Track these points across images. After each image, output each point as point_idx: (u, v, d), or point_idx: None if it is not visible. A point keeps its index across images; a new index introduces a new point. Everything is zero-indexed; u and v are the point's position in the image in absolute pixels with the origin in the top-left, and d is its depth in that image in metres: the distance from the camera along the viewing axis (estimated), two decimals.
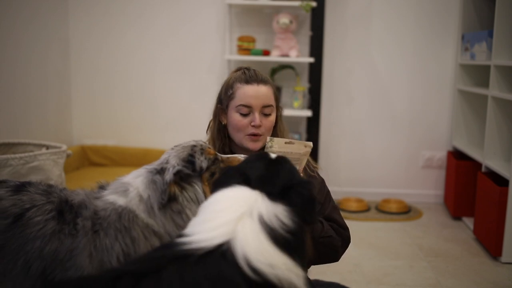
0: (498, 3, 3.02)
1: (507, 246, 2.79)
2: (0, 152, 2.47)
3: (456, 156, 3.67)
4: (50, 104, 3.69)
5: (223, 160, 1.41)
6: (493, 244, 2.87)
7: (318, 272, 2.27)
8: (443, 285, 2.57)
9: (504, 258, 2.81)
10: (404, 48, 3.87)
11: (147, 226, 1.24)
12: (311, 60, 3.61)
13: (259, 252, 0.91)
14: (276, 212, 0.99)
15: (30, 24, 3.35)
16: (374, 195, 3.94)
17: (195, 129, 3.20)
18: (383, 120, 3.95)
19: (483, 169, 3.13)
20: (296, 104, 3.68)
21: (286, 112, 3.15)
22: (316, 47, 3.67)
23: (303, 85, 3.80)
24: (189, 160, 1.34)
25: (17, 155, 2.27)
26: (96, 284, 0.88)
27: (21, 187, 1.25)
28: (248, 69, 1.69)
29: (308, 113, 3.62)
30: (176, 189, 1.28)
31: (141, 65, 3.96)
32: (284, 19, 3.55)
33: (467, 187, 3.45)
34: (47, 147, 2.52)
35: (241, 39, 3.69)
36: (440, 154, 3.95)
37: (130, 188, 1.29)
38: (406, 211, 3.71)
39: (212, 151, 1.40)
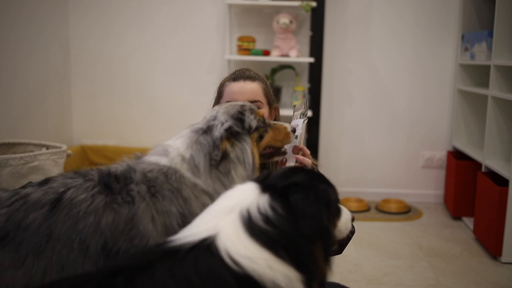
0: (498, 3, 3.02)
1: (507, 246, 2.79)
2: (0, 152, 2.47)
3: (456, 156, 3.67)
4: (50, 104, 3.69)
5: (270, 125, 1.40)
6: (493, 244, 2.87)
7: None
8: (443, 285, 2.57)
9: (504, 258, 2.81)
10: (404, 48, 3.87)
11: (194, 185, 1.21)
12: (311, 60, 3.61)
13: (237, 244, 0.91)
14: (259, 203, 0.97)
15: (30, 24, 3.35)
16: (374, 195, 3.94)
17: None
18: (383, 120, 3.95)
19: (483, 169, 3.13)
20: (296, 104, 3.67)
21: (286, 112, 3.15)
22: (316, 47, 3.67)
23: (303, 85, 3.80)
24: (239, 117, 1.31)
25: (17, 155, 2.27)
26: (91, 281, 0.88)
27: (46, 180, 1.20)
28: (241, 69, 1.73)
29: (308, 113, 3.62)
30: (228, 146, 1.25)
31: (141, 65, 3.96)
32: (284, 19, 3.55)
33: (467, 187, 3.45)
34: (47, 147, 2.53)
35: (241, 39, 3.69)
36: (440, 154, 3.95)
37: (169, 149, 1.27)
38: (406, 211, 3.71)
39: (261, 112, 1.39)
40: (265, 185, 1.02)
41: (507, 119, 3.07)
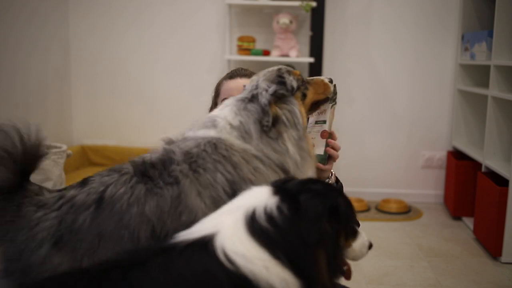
0: (498, 3, 3.02)
1: (507, 246, 2.79)
2: None
3: (456, 156, 3.67)
4: (50, 104, 3.69)
5: (309, 81, 1.41)
6: (493, 244, 2.87)
7: None
8: (443, 285, 2.57)
9: (504, 258, 2.81)
10: (404, 48, 3.87)
11: (244, 150, 1.22)
12: (311, 60, 3.61)
13: (235, 242, 0.90)
14: (268, 203, 0.94)
15: (30, 24, 3.35)
16: (374, 195, 3.94)
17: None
18: (383, 120, 3.95)
19: (483, 169, 3.12)
20: None
21: None
22: (316, 47, 3.67)
23: None
24: (280, 81, 1.32)
25: None
26: (84, 277, 0.88)
27: (84, 181, 1.21)
28: (237, 68, 1.77)
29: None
30: (277, 110, 1.26)
31: (141, 65, 3.96)
32: (284, 19, 3.55)
33: (467, 187, 3.45)
34: (47, 147, 2.52)
35: (241, 39, 3.69)
36: (440, 154, 3.94)
37: (217, 119, 1.28)
38: (406, 211, 3.70)
39: (297, 71, 1.40)
40: (280, 188, 1.00)
41: (507, 119, 3.07)
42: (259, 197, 0.97)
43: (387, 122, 3.95)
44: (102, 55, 3.95)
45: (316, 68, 3.67)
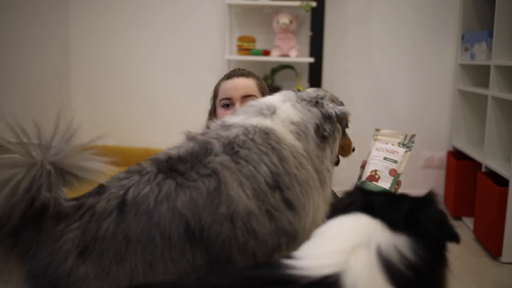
0: (498, 3, 3.02)
1: (507, 246, 2.79)
2: (0, 152, 2.47)
3: (456, 156, 3.67)
4: (50, 104, 3.69)
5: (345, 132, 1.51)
6: (493, 244, 2.87)
7: None
8: None
9: (504, 258, 2.81)
10: (404, 48, 3.87)
11: (294, 146, 1.23)
12: (311, 60, 3.61)
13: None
14: (396, 244, 0.84)
15: (30, 24, 3.35)
16: None
17: (195, 129, 3.21)
18: (383, 120, 3.94)
19: (483, 169, 3.12)
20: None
21: None
22: (316, 47, 3.67)
23: (303, 85, 3.80)
24: (339, 104, 1.40)
25: (17, 155, 2.26)
26: None
27: (101, 188, 1.16)
28: (235, 69, 1.79)
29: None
30: (338, 126, 1.34)
31: (141, 65, 3.96)
32: (284, 19, 3.55)
33: (467, 187, 3.45)
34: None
35: (241, 39, 3.69)
36: (440, 154, 3.94)
37: (278, 111, 1.29)
38: None
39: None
40: (387, 219, 0.88)
41: (507, 119, 3.07)
42: (376, 232, 0.86)
43: (387, 122, 3.95)
44: (102, 55, 3.95)
45: (316, 68, 3.68)
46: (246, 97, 1.68)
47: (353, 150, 1.56)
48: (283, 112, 1.28)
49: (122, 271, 1.08)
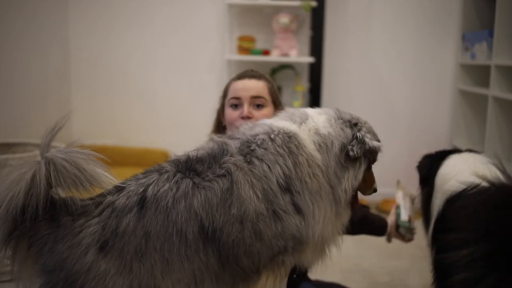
0: (498, 3, 3.01)
1: None
2: (0, 152, 2.47)
3: None
4: (50, 104, 3.69)
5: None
6: None
7: (318, 272, 2.27)
8: None
9: None
10: (404, 48, 3.87)
11: (312, 156, 1.24)
12: (311, 60, 3.61)
13: None
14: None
15: (30, 24, 3.35)
16: (374, 195, 3.88)
17: (195, 129, 3.21)
18: (383, 120, 3.94)
19: None
20: (296, 104, 3.67)
21: None
22: (316, 47, 3.67)
23: (303, 85, 3.80)
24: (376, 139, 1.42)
25: (17, 155, 2.27)
26: None
27: (120, 187, 1.18)
28: (247, 69, 1.77)
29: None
30: (363, 154, 1.32)
31: (141, 65, 3.96)
32: (284, 19, 3.55)
33: None
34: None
35: (241, 39, 3.69)
36: None
37: (310, 120, 1.30)
38: None
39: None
40: None
41: (508, 119, 3.07)
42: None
43: (387, 122, 3.95)
44: (102, 55, 3.94)
45: (316, 68, 3.68)
46: (254, 98, 1.67)
47: (375, 190, 1.57)
48: (313, 122, 1.30)
49: (143, 268, 1.09)
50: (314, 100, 3.67)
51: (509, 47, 3.00)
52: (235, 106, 1.69)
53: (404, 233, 2.11)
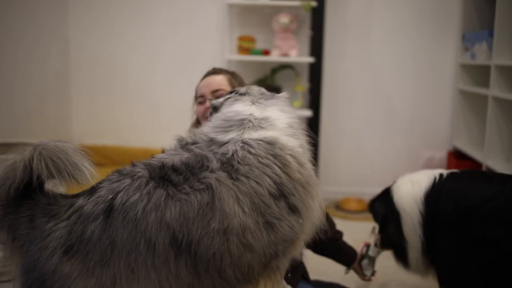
0: (498, 3, 3.01)
1: None
2: (0, 152, 2.47)
3: (457, 156, 3.66)
4: (50, 104, 3.69)
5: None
6: None
7: (318, 272, 2.27)
8: None
9: None
10: (404, 48, 3.87)
11: (293, 148, 1.27)
12: (311, 60, 3.61)
13: None
14: None
15: (30, 24, 3.35)
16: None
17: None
18: (383, 120, 3.94)
19: (483, 169, 3.12)
20: (296, 104, 3.67)
21: None
22: (316, 47, 3.67)
23: (303, 85, 3.80)
24: None
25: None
26: None
27: (93, 188, 1.17)
28: (210, 69, 1.99)
29: (308, 113, 3.62)
30: None
31: (141, 65, 3.96)
32: (284, 19, 3.55)
33: None
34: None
35: (241, 39, 3.69)
36: (440, 154, 3.94)
37: (273, 120, 1.34)
38: None
39: None
40: None
41: (508, 119, 3.06)
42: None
43: (387, 122, 3.95)
44: (102, 55, 3.94)
45: (316, 68, 3.67)
46: (215, 92, 1.85)
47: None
48: (276, 119, 1.32)
49: (106, 273, 1.10)
50: (314, 100, 3.67)
51: (509, 47, 3.00)
52: (202, 103, 1.89)
53: (365, 265, 2.18)
